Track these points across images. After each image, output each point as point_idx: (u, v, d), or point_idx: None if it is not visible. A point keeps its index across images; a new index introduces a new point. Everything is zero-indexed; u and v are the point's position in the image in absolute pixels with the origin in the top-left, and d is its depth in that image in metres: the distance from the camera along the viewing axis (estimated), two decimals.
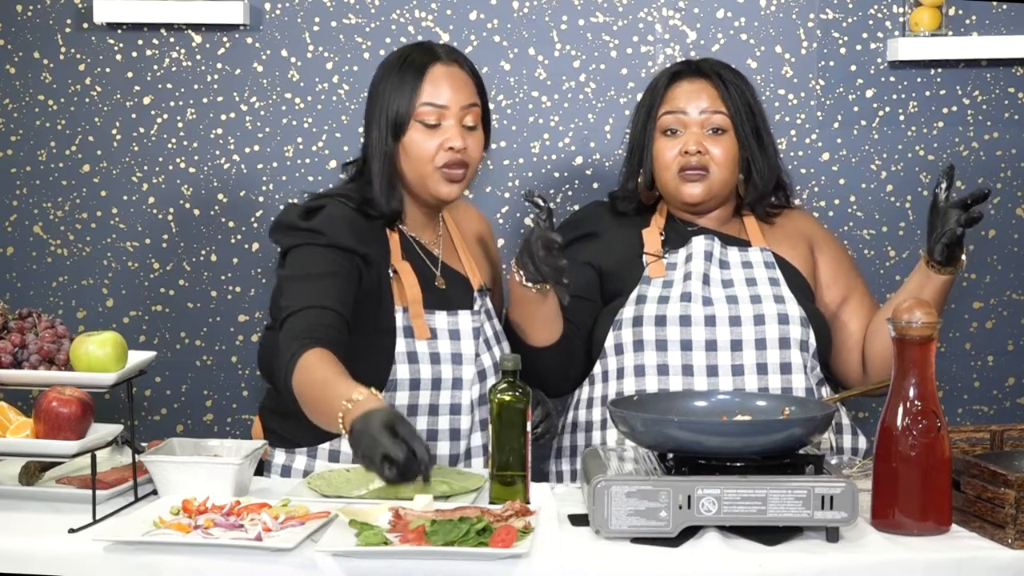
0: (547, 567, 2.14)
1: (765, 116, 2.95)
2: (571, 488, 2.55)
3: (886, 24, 3.39)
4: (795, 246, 2.96)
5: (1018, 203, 3.43)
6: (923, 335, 2.27)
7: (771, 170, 2.93)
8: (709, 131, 2.88)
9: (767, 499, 2.20)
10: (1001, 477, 2.20)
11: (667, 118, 2.90)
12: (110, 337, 2.40)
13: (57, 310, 3.44)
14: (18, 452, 2.34)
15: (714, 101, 2.89)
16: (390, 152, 2.72)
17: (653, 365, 2.80)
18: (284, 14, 3.41)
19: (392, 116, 2.71)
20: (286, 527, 2.22)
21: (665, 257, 2.90)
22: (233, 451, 2.50)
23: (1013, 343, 3.46)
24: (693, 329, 2.80)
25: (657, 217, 2.97)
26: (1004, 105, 3.41)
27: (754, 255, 2.91)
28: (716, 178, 2.88)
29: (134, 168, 3.44)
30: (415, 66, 2.72)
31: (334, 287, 2.60)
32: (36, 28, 3.42)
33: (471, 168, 2.74)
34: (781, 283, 2.88)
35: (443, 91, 2.71)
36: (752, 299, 2.83)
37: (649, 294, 2.85)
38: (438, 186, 2.72)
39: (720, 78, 2.91)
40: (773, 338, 2.80)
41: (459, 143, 2.70)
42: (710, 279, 2.86)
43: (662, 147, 2.90)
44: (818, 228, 3.05)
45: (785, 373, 2.79)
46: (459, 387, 2.72)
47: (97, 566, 2.17)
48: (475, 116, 2.74)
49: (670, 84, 2.93)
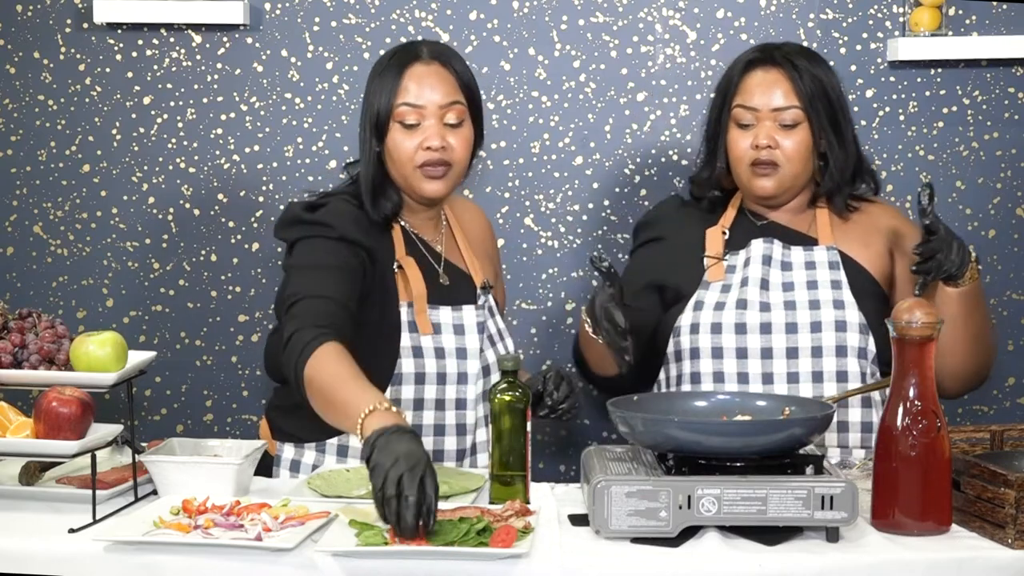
0: (547, 567, 2.14)
1: (844, 103, 2.87)
2: (571, 488, 2.55)
3: (886, 24, 3.39)
4: (869, 244, 2.88)
5: (1018, 203, 3.43)
6: (923, 335, 2.27)
7: (848, 159, 2.86)
8: (781, 124, 2.83)
9: (767, 499, 2.20)
10: (1001, 477, 2.20)
11: (739, 111, 2.85)
12: (110, 337, 2.40)
13: (57, 310, 3.44)
14: (18, 452, 2.34)
15: (787, 94, 2.82)
16: (376, 153, 2.74)
17: (709, 373, 2.78)
18: (284, 14, 3.41)
19: (374, 117, 2.73)
20: (286, 527, 2.22)
21: (725, 259, 2.87)
22: (233, 451, 2.50)
23: (1013, 343, 3.46)
24: (748, 337, 2.78)
25: (729, 211, 2.93)
26: (1004, 105, 3.41)
27: (819, 255, 2.85)
28: (787, 172, 2.83)
29: (134, 168, 3.44)
30: (395, 66, 2.74)
31: (343, 281, 2.61)
32: (36, 28, 3.42)
33: (456, 166, 2.74)
34: (844, 286, 2.81)
35: (421, 90, 2.71)
36: (811, 304, 2.79)
37: (707, 300, 2.83)
38: (421, 185, 2.73)
39: (794, 67, 2.83)
40: (830, 345, 2.76)
41: (436, 142, 2.70)
42: (769, 283, 2.82)
43: (735, 138, 2.86)
44: (903, 225, 2.92)
45: (841, 381, 2.75)
46: (464, 382, 2.72)
47: (97, 566, 2.17)
48: (458, 113, 2.73)
49: (744, 73, 2.87)
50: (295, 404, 2.63)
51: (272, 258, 3.43)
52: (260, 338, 3.44)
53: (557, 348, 3.42)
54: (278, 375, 2.82)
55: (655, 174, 3.43)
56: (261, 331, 3.44)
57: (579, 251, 3.44)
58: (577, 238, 3.44)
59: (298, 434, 2.76)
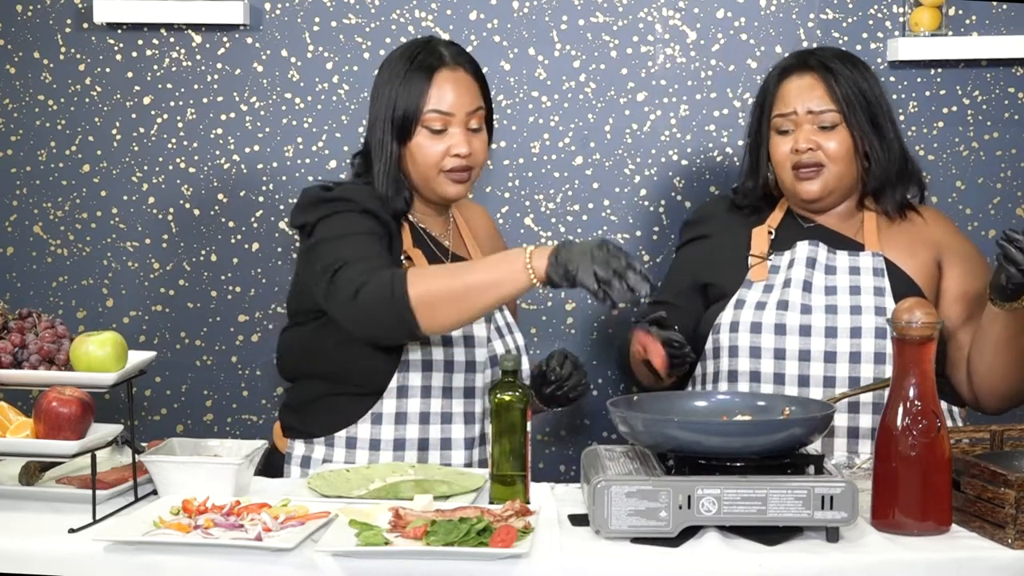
0: (547, 567, 2.14)
1: (885, 102, 2.86)
2: (571, 488, 2.55)
3: (886, 24, 3.40)
4: (916, 253, 2.86)
5: (1018, 203, 3.44)
6: (923, 335, 2.27)
7: (891, 158, 2.85)
8: (820, 127, 2.82)
9: (767, 499, 2.20)
10: (1001, 477, 2.20)
11: (778, 119, 2.86)
12: (110, 337, 2.40)
13: (57, 310, 3.44)
14: (18, 452, 2.33)
15: (823, 98, 2.82)
16: (395, 154, 2.74)
17: (746, 372, 2.78)
18: (284, 14, 3.41)
19: (399, 120, 2.72)
20: (286, 527, 2.22)
21: (770, 259, 2.87)
22: (233, 451, 2.50)
23: None
24: (788, 338, 2.77)
25: (776, 213, 2.93)
26: (1004, 105, 3.41)
27: (864, 260, 2.84)
28: (831, 173, 2.82)
29: (134, 168, 3.44)
30: (421, 70, 2.73)
31: (378, 244, 2.63)
32: (36, 28, 3.42)
33: (476, 169, 2.77)
34: (887, 293, 2.79)
35: (449, 97, 2.72)
36: (852, 309, 2.78)
37: (748, 299, 2.83)
38: (445, 188, 2.75)
39: (829, 70, 2.83)
40: (868, 352, 2.76)
41: (465, 149, 2.72)
42: (812, 286, 2.81)
43: (777, 145, 2.86)
44: (954, 238, 2.92)
45: None
46: (472, 370, 2.73)
47: (97, 566, 2.17)
48: (479, 119, 2.76)
49: (780, 81, 2.88)
50: (306, 401, 2.70)
51: (272, 258, 3.43)
52: (260, 338, 3.44)
53: (557, 348, 3.42)
54: (293, 373, 2.83)
55: (655, 174, 3.43)
56: (261, 331, 3.44)
57: None
58: (577, 238, 3.43)
59: (309, 429, 2.76)
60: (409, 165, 2.75)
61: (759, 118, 2.92)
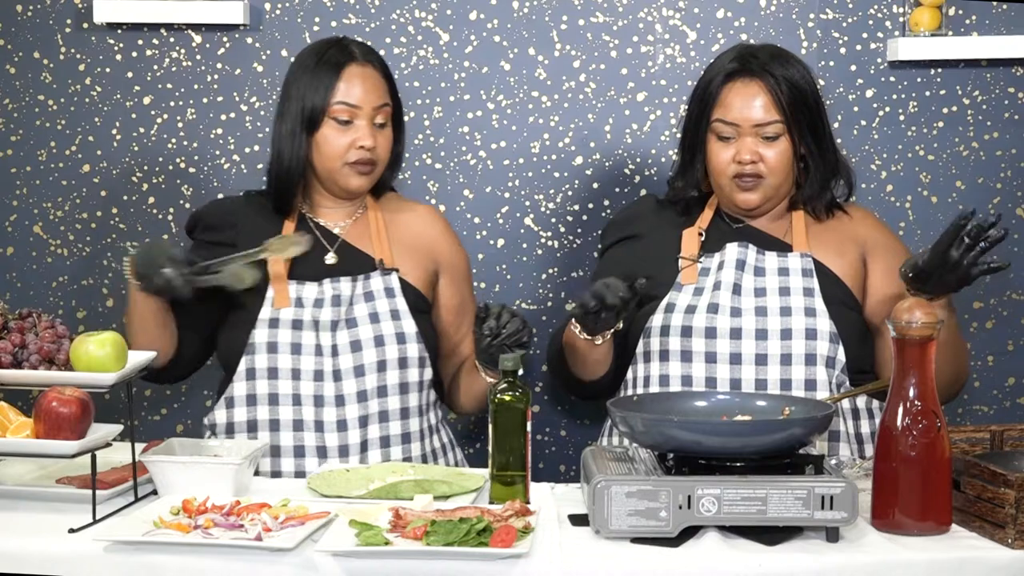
0: (547, 567, 2.14)
1: (822, 109, 2.84)
2: (571, 488, 2.55)
3: (886, 24, 3.40)
4: (843, 253, 2.86)
5: (1018, 203, 3.43)
6: (923, 335, 2.27)
7: (828, 165, 2.85)
8: (763, 137, 2.80)
9: (767, 499, 2.20)
10: (1001, 477, 2.20)
11: (720, 125, 2.82)
12: (110, 337, 2.40)
13: (57, 310, 3.44)
14: (18, 452, 2.33)
15: (767, 107, 2.79)
16: (303, 144, 2.83)
17: (678, 376, 2.78)
18: (284, 14, 3.41)
19: (307, 111, 2.82)
20: (286, 527, 2.22)
21: (700, 262, 2.85)
22: (233, 451, 2.50)
23: (1013, 343, 3.46)
24: (718, 342, 2.76)
25: (706, 212, 2.91)
26: (1004, 105, 3.41)
27: (792, 261, 2.83)
28: (770, 183, 2.81)
29: (134, 168, 3.44)
30: (331, 64, 2.83)
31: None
32: (36, 28, 3.42)
33: (380, 164, 2.87)
34: (816, 294, 2.79)
35: (357, 90, 2.83)
36: (782, 311, 2.77)
37: (678, 303, 2.81)
38: (348, 180, 2.85)
39: (773, 76, 2.80)
40: (799, 353, 2.75)
41: (370, 142, 2.82)
42: (741, 288, 2.80)
43: (716, 151, 2.83)
44: (879, 235, 2.91)
45: (809, 390, 2.73)
46: (321, 353, 2.78)
47: (97, 566, 2.17)
48: (385, 115, 2.86)
49: (723, 84, 2.83)
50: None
51: None
52: None
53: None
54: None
55: (655, 174, 3.43)
56: None
57: (579, 251, 3.44)
58: (577, 238, 3.44)
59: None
60: (314, 157, 2.85)
61: (698, 117, 2.87)
